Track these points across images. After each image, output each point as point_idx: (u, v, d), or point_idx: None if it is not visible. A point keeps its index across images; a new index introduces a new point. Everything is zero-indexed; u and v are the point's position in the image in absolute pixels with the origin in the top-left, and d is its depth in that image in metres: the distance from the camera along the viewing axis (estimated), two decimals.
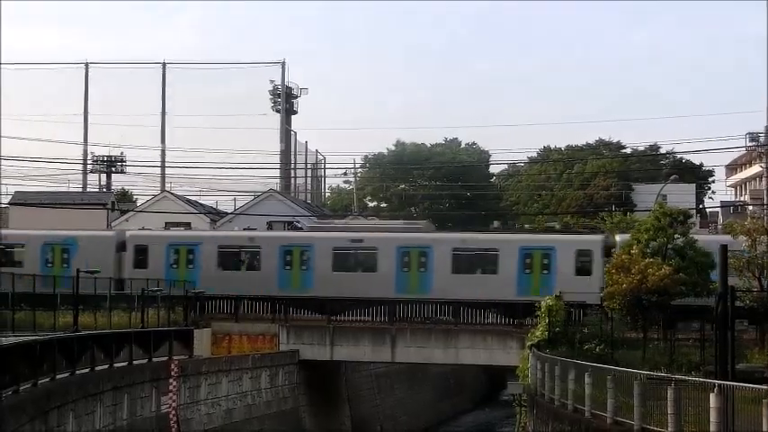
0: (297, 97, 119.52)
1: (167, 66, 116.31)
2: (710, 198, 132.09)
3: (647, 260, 48.27)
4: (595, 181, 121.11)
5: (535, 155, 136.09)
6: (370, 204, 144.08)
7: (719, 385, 27.40)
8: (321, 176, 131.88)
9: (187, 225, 79.35)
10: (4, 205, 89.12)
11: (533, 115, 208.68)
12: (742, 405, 26.78)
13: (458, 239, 65.59)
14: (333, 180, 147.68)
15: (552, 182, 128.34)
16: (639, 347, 45.99)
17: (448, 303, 62.53)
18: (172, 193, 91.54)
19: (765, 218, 64.39)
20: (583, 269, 60.83)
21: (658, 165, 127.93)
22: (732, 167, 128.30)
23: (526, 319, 58.32)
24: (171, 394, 47.91)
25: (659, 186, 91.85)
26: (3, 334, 38.87)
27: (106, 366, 42.51)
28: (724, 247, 36.41)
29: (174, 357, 50.57)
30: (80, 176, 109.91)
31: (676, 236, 50.55)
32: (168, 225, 77.21)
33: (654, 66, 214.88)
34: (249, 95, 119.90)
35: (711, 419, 27.07)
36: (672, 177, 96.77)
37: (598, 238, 63.30)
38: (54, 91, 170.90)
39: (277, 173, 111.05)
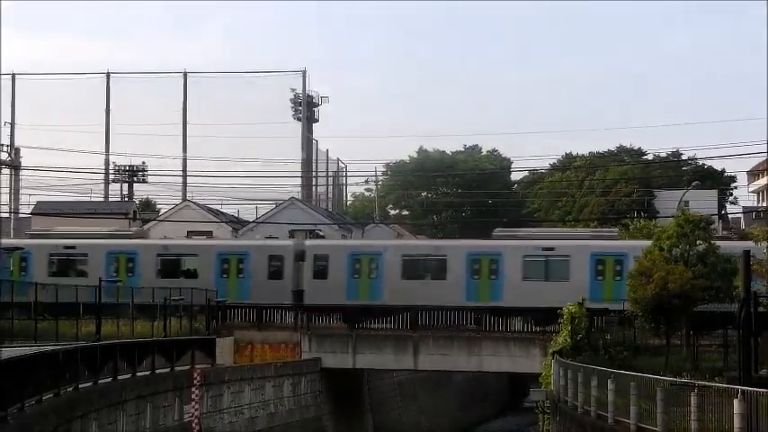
0: (318, 106, 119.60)
1: (188, 75, 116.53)
2: (732, 203, 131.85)
3: (669, 266, 48.08)
4: (617, 187, 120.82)
5: (556, 162, 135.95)
6: (392, 212, 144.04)
7: (743, 391, 27.27)
8: (342, 184, 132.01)
9: (209, 234, 79.43)
10: (26, 215, 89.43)
11: (546, 118, 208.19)
12: (766, 411, 26.64)
13: None
14: (354, 188, 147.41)
15: (574, 189, 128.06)
16: (662, 354, 45.83)
17: (470, 310, 62.33)
18: (193, 202, 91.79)
19: None
20: None
21: (680, 171, 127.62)
22: (754, 173, 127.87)
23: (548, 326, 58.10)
24: (193, 403, 47.92)
25: (681, 192, 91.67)
26: (26, 343, 39.00)
27: (129, 375, 42.56)
28: (746, 253, 36.26)
29: (197, 366, 50.63)
30: (102, 186, 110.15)
31: (698, 242, 50.33)
32: (190, 234, 77.25)
33: (675, 70, 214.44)
34: (270, 104, 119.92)
35: (735, 426, 26.92)
36: (693, 183, 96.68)
37: None
38: (76, 100, 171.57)
39: (298, 181, 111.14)
